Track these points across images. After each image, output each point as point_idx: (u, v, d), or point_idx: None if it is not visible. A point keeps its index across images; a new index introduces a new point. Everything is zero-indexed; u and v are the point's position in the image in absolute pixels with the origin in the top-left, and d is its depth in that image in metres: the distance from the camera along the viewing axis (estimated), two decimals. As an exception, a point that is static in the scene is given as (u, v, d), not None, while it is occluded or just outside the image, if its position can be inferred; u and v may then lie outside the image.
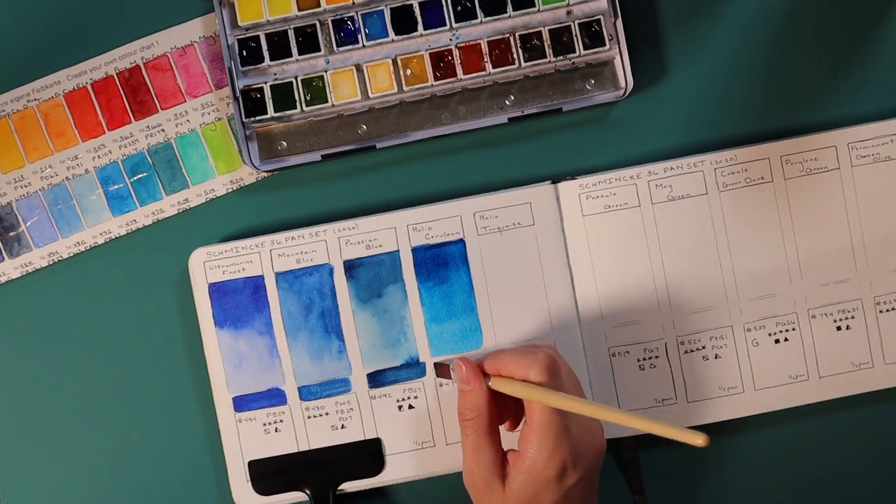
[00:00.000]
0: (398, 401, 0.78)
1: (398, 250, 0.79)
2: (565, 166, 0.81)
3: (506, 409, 0.75)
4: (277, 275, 0.78)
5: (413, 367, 0.78)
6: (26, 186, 0.80)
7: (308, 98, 0.78)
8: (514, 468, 0.71)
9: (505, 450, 0.73)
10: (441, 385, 0.78)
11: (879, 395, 0.80)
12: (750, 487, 0.80)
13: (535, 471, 0.70)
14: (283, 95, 0.78)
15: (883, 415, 0.80)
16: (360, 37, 0.79)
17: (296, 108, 0.78)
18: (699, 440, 0.65)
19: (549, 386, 0.71)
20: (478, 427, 0.72)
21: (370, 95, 0.79)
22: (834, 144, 0.79)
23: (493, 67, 0.79)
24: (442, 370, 0.77)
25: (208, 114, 0.80)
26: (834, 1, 0.81)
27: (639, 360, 0.79)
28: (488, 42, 0.79)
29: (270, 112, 0.78)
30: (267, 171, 0.80)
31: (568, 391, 0.72)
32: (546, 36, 0.79)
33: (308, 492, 0.78)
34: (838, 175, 0.79)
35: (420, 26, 0.79)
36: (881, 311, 0.79)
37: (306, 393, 0.78)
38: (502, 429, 0.76)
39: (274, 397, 0.78)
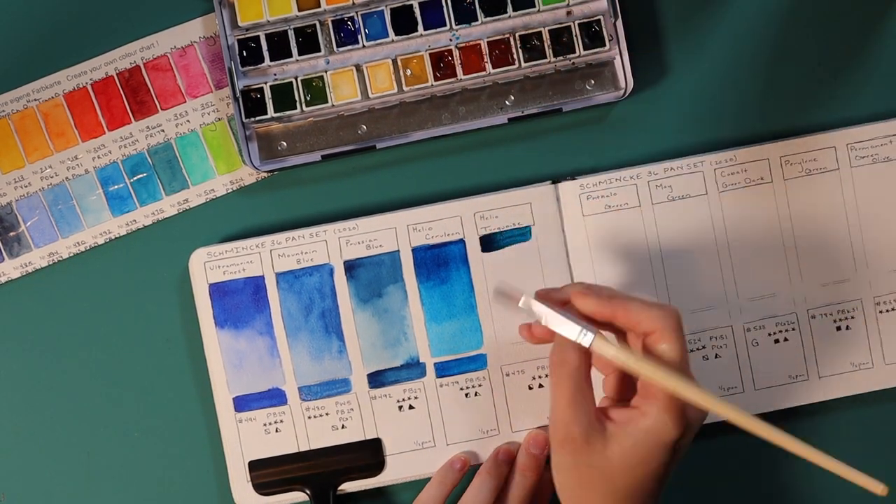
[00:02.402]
0: (398, 401, 0.78)
1: (398, 250, 0.79)
2: (565, 166, 0.81)
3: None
4: (278, 275, 0.79)
5: (413, 368, 0.78)
6: (26, 187, 0.80)
7: (308, 98, 0.79)
8: (628, 425, 0.65)
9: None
10: (442, 386, 0.78)
11: (879, 395, 0.80)
12: (750, 487, 0.80)
13: (657, 431, 0.65)
14: (283, 96, 0.78)
15: (883, 415, 0.80)
16: (360, 37, 0.79)
17: (296, 108, 0.78)
18: (879, 489, 0.63)
19: (676, 347, 0.65)
20: (578, 376, 0.66)
21: (370, 96, 0.79)
22: (833, 145, 0.79)
23: (493, 68, 0.79)
24: (509, 297, 0.69)
25: (208, 114, 0.80)
26: (834, 1, 0.81)
27: (639, 360, 0.79)
28: (488, 42, 0.79)
29: (270, 112, 0.78)
30: (267, 172, 0.80)
31: (685, 359, 0.66)
32: (546, 36, 0.79)
33: (308, 492, 0.78)
34: (838, 175, 0.79)
35: (420, 26, 0.79)
36: (881, 312, 0.79)
37: (307, 393, 0.78)
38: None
39: (274, 397, 0.78)
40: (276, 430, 0.78)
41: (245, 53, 0.78)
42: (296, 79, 0.79)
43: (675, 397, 0.65)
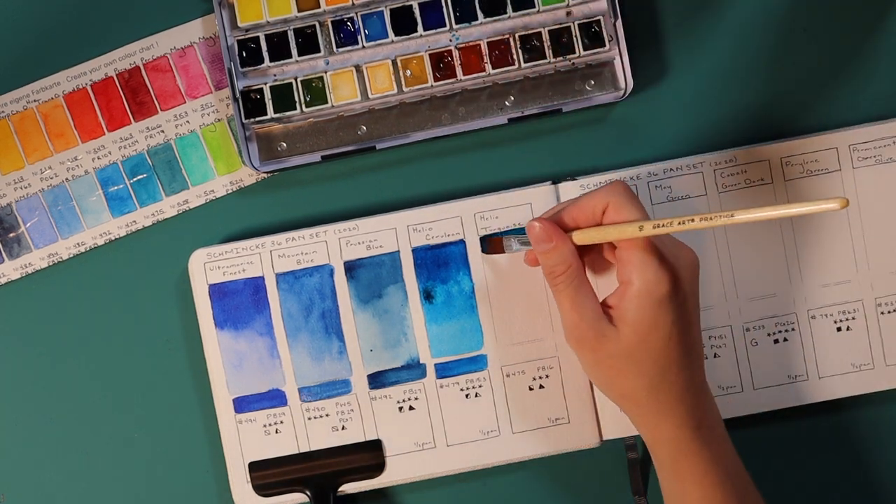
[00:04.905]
0: (398, 402, 0.78)
1: (398, 251, 0.79)
2: (565, 167, 0.81)
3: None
4: (278, 275, 0.78)
5: (413, 368, 0.78)
6: (26, 188, 0.80)
7: (308, 99, 0.78)
8: (623, 301, 0.67)
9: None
10: (442, 387, 0.78)
11: (879, 396, 0.80)
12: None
13: (648, 292, 0.67)
14: (283, 96, 0.78)
15: (883, 415, 0.80)
16: (359, 38, 0.79)
17: (295, 109, 0.78)
18: (836, 205, 0.59)
19: (632, 209, 0.68)
20: (572, 279, 0.69)
21: (370, 96, 0.79)
22: (835, 146, 0.79)
23: (493, 68, 0.79)
24: (493, 245, 0.76)
25: (208, 115, 0.80)
26: (834, 1, 0.81)
27: (639, 361, 0.79)
28: (488, 43, 0.79)
29: (270, 113, 0.78)
30: (267, 172, 0.80)
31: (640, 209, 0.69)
32: (546, 37, 0.79)
33: (308, 493, 0.78)
34: (839, 177, 0.79)
35: (420, 27, 0.79)
36: (882, 313, 0.79)
37: (307, 394, 0.78)
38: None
39: (274, 398, 0.78)
40: (276, 432, 0.78)
41: (245, 54, 0.78)
42: (295, 79, 0.78)
43: (645, 246, 0.67)
